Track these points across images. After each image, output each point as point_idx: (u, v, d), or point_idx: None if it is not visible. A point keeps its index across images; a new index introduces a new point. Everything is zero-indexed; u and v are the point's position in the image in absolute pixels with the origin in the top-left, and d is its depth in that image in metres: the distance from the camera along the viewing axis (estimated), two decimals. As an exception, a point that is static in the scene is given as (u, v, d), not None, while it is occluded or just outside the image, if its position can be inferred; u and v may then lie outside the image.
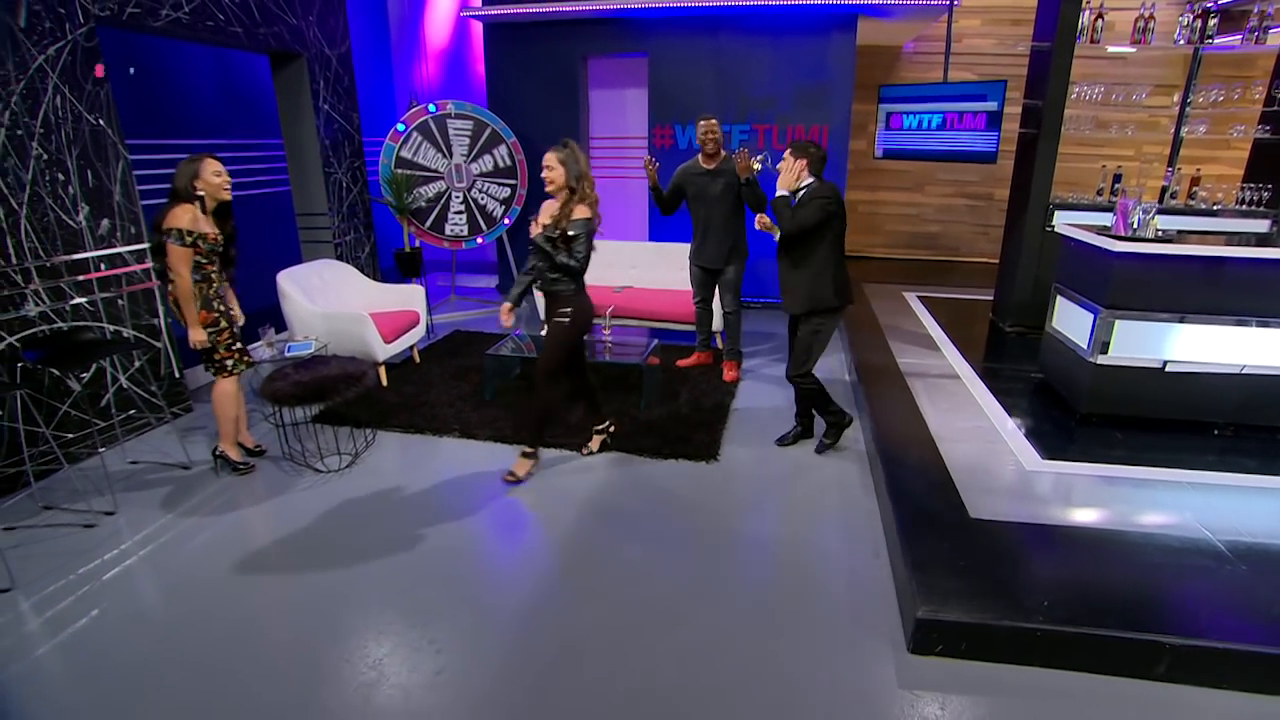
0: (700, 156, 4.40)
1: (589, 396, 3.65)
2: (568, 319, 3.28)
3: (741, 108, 6.02)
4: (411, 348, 5.02)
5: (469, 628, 2.43)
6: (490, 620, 2.47)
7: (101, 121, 3.69)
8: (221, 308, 3.32)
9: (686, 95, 6.09)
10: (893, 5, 5.48)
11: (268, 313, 4.50)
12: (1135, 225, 3.57)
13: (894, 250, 8.06)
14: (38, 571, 2.75)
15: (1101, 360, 3.52)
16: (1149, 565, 2.43)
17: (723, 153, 4.37)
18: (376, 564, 2.80)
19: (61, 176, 3.51)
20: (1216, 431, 3.47)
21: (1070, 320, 3.84)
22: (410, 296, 5.01)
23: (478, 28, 6.78)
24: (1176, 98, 5.39)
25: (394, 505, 3.26)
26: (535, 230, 3.21)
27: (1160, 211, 5.08)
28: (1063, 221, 4.12)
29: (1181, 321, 3.42)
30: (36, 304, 3.40)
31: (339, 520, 3.12)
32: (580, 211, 3.12)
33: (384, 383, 4.58)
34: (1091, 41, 5.05)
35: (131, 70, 3.84)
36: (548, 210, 3.23)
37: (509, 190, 6.15)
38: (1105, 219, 4.82)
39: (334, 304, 4.71)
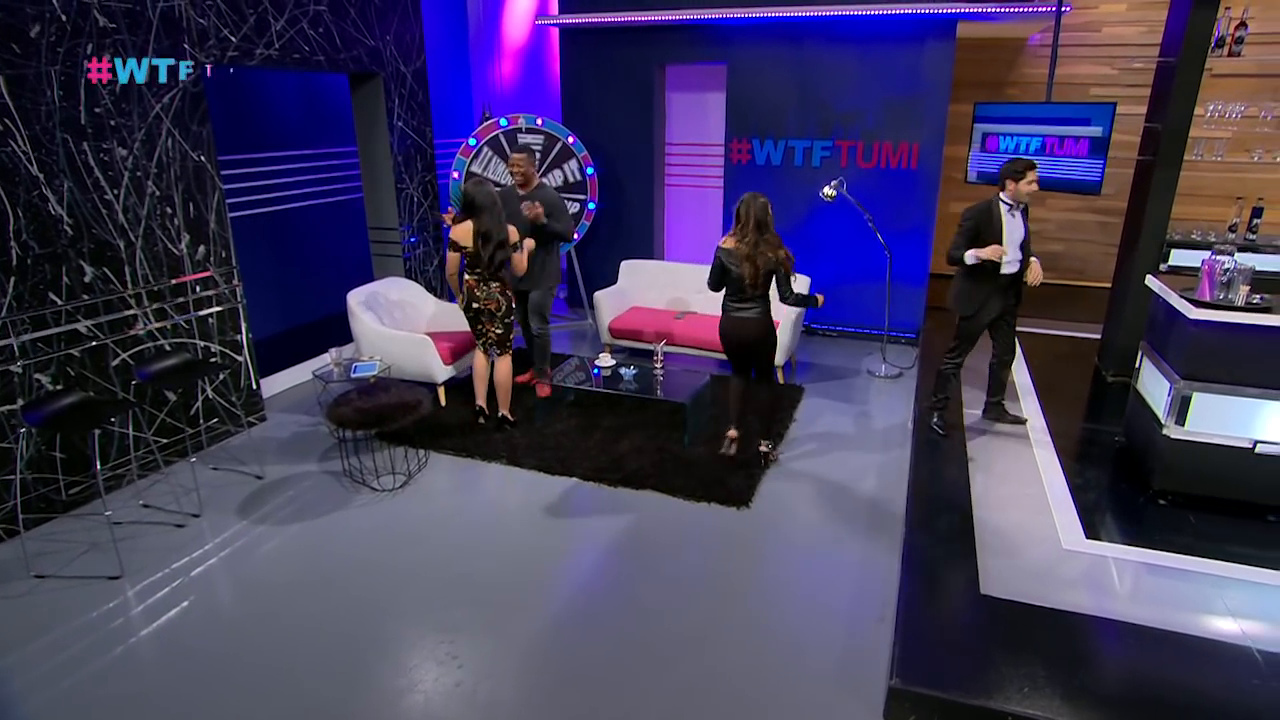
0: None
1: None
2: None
3: (824, 122, 6.41)
4: (471, 367, 5.80)
5: (488, 649, 3.11)
6: (507, 643, 3.14)
7: (203, 158, 4.67)
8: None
9: (766, 107, 6.55)
10: (995, 12, 5.68)
11: (339, 320, 5.50)
12: (1225, 284, 3.72)
13: (1007, 271, 8.11)
14: (141, 563, 3.69)
15: (1177, 434, 3.73)
16: (1157, 666, 2.74)
17: (536, 181, 5.31)
18: (416, 583, 3.54)
19: (169, 210, 4.50)
20: (1271, 518, 3.62)
21: (1152, 384, 4.04)
22: (471, 316, 5.79)
23: (555, 30, 7.51)
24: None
25: (437, 529, 4.00)
26: None
27: None
28: (1152, 275, 4.26)
29: (1275, 399, 3.57)
30: (145, 324, 4.41)
31: (388, 539, 3.90)
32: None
33: (443, 402, 5.38)
34: (1229, 55, 5.06)
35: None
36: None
37: (577, 205, 6.84)
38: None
39: (400, 323, 5.57)
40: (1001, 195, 4.30)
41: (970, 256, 4.22)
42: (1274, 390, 3.55)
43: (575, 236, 6.98)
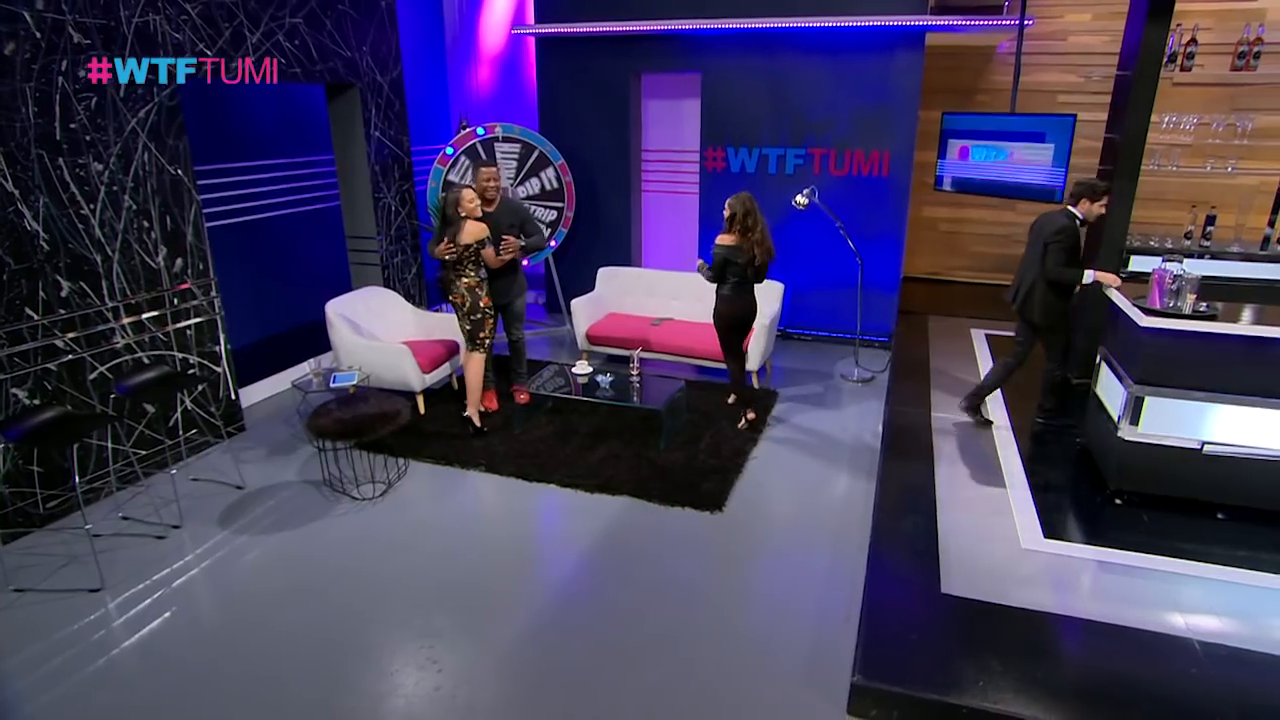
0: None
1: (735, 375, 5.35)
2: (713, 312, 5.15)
3: (797, 131, 6.57)
4: (451, 374, 5.90)
5: (467, 653, 3.22)
6: (486, 647, 3.25)
7: (179, 171, 4.73)
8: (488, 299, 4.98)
9: (740, 116, 6.70)
10: (960, 25, 5.88)
11: (318, 328, 5.61)
12: (1175, 292, 3.90)
13: (978, 274, 8.32)
14: (121, 575, 3.76)
15: (1131, 436, 3.91)
16: (1104, 658, 2.90)
17: (498, 197, 5.27)
18: (397, 590, 3.64)
19: (146, 224, 4.56)
20: (1221, 515, 3.83)
21: (1109, 389, 4.22)
22: (452, 324, 5.88)
23: (531, 38, 7.62)
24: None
25: (417, 537, 4.10)
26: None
27: (1267, 260, 5.34)
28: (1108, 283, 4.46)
29: (1220, 402, 3.76)
30: (122, 337, 4.47)
31: (368, 547, 3.99)
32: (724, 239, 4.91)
33: (422, 411, 5.47)
34: (1181, 69, 5.29)
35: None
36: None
37: (555, 213, 6.95)
38: (1189, 266, 5.10)
39: (378, 332, 5.66)
40: (1073, 210, 4.48)
41: (1090, 275, 4.36)
42: (1220, 394, 3.74)
43: (553, 243, 7.10)
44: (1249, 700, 2.64)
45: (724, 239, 4.89)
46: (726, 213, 4.88)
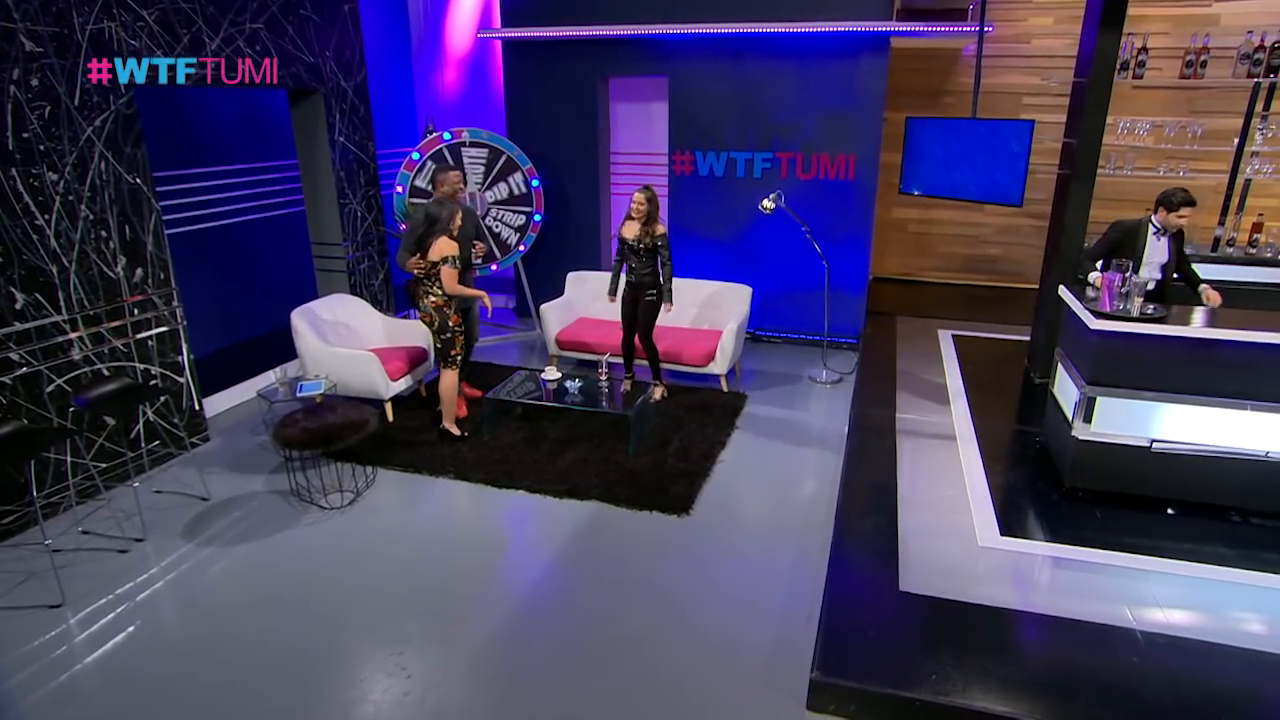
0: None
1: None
2: (655, 298, 5.53)
3: (764, 135, 6.71)
4: (418, 382, 5.95)
5: (436, 658, 3.30)
6: (454, 652, 3.33)
7: (138, 180, 4.74)
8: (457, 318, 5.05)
9: (708, 120, 6.83)
10: (923, 30, 6.05)
11: (283, 335, 5.62)
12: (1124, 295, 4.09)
13: (947, 274, 8.54)
14: (83, 590, 3.78)
15: (1084, 435, 4.08)
16: (1053, 650, 3.07)
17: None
18: (366, 598, 3.71)
19: (104, 233, 4.57)
20: (1170, 510, 4.02)
21: (1064, 389, 4.40)
22: (420, 331, 5.93)
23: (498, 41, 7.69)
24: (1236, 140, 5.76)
25: (386, 545, 4.16)
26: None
27: (1218, 261, 5.58)
28: (1064, 286, 4.63)
29: (1168, 401, 3.95)
30: (81, 349, 4.47)
31: (337, 556, 4.05)
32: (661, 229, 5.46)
33: (390, 418, 5.52)
34: (1134, 77, 5.51)
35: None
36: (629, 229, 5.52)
37: (523, 218, 7.03)
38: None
39: (345, 339, 5.70)
40: (1152, 217, 4.58)
41: (1094, 276, 4.39)
42: (1167, 393, 3.93)
43: (521, 248, 7.17)
44: (1183, 685, 2.81)
45: (659, 228, 5.49)
46: (646, 207, 5.36)
